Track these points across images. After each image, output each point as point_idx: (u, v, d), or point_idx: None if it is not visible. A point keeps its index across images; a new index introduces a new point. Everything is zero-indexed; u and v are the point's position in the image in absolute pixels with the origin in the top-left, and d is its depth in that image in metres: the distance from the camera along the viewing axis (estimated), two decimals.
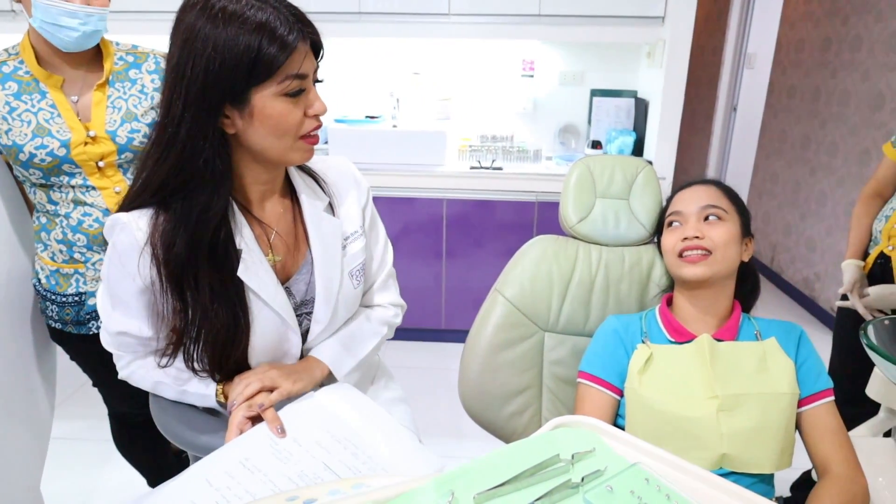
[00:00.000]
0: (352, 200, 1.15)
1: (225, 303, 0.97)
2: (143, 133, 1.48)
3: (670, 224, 1.29)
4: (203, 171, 0.92)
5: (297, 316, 1.09)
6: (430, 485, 0.66)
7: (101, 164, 1.44)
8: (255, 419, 1.00)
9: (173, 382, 1.07)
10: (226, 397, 1.05)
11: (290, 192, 1.10)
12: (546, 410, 1.47)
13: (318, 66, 0.96)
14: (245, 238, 1.00)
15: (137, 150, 1.48)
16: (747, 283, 1.31)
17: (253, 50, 0.86)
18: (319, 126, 0.97)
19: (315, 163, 1.13)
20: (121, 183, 1.48)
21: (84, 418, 2.54)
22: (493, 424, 1.47)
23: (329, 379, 1.13)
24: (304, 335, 1.12)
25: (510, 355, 1.43)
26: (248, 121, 0.92)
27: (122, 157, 1.46)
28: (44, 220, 1.49)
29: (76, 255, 1.49)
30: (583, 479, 0.67)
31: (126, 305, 1.01)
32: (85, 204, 1.45)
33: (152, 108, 1.50)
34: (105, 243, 1.45)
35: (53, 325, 1.56)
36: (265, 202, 1.06)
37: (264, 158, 0.98)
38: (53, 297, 1.51)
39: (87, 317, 1.53)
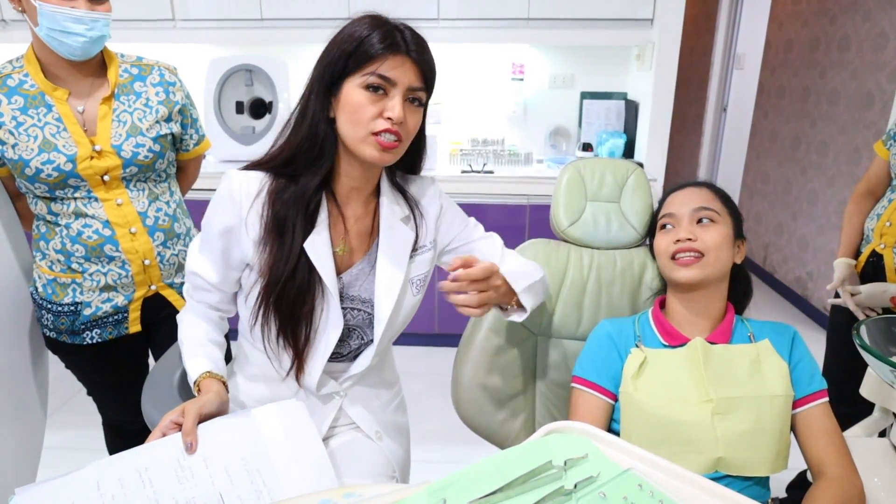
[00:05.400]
0: (430, 220, 1.24)
1: (307, 265, 1.08)
2: (148, 147, 1.47)
3: (663, 226, 1.28)
4: (314, 144, 1.07)
5: (342, 309, 1.15)
6: (423, 493, 0.66)
7: (105, 177, 1.43)
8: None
9: (194, 343, 1.14)
10: (199, 389, 1.08)
11: (377, 201, 1.19)
12: (539, 415, 1.46)
13: (418, 88, 1.05)
14: (322, 220, 1.11)
15: (142, 164, 1.46)
16: (740, 285, 1.31)
17: (356, 40, 1.02)
18: (392, 131, 1.03)
19: (411, 183, 1.24)
20: (123, 195, 1.47)
21: (77, 427, 2.51)
22: (486, 430, 1.46)
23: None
24: (352, 332, 1.18)
25: (503, 360, 1.43)
26: (339, 106, 1.05)
27: (127, 171, 1.45)
28: (43, 228, 1.48)
29: (74, 266, 1.47)
30: (576, 486, 0.66)
31: (210, 249, 1.12)
32: (86, 216, 1.44)
33: (157, 122, 1.49)
34: (102, 256, 1.45)
35: (48, 334, 1.55)
36: (350, 199, 1.16)
37: (346, 147, 1.07)
38: (49, 306, 1.50)
39: (82, 327, 1.51)
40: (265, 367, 1.18)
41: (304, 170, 1.08)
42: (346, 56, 1.02)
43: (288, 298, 1.08)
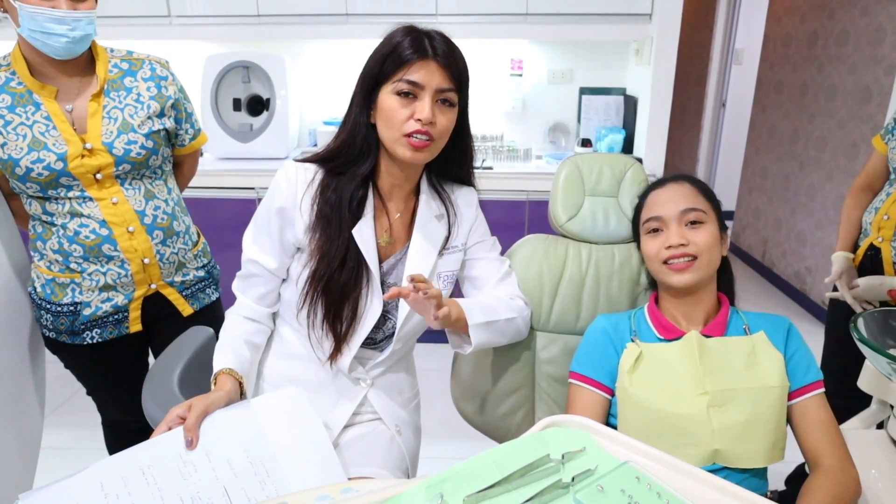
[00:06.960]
0: (465, 224, 1.32)
1: (356, 251, 1.17)
2: (141, 144, 1.44)
3: (650, 230, 1.25)
4: (352, 146, 1.18)
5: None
6: (420, 487, 0.66)
7: (98, 176, 1.41)
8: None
9: (230, 339, 1.21)
10: (215, 382, 1.13)
11: (416, 200, 1.28)
12: (539, 410, 1.46)
13: (446, 89, 1.12)
14: (368, 212, 1.20)
15: (135, 161, 1.44)
16: (725, 274, 1.30)
17: (390, 48, 1.11)
18: (422, 132, 1.11)
19: (455, 189, 1.32)
20: (118, 194, 1.44)
21: (75, 427, 2.52)
22: (485, 425, 1.46)
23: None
24: (386, 318, 1.26)
25: (502, 355, 1.43)
26: (377, 112, 1.15)
27: (120, 168, 1.43)
28: (39, 229, 1.46)
29: (72, 265, 1.46)
30: (573, 479, 0.66)
31: (268, 233, 1.20)
32: (81, 215, 1.42)
33: (149, 118, 1.47)
34: (100, 255, 1.44)
35: (48, 335, 1.54)
36: (393, 195, 1.25)
37: (385, 148, 1.17)
38: (48, 307, 1.49)
39: (82, 327, 1.50)
40: (298, 347, 1.27)
41: (347, 167, 1.18)
42: (380, 63, 1.12)
43: (337, 282, 1.17)
